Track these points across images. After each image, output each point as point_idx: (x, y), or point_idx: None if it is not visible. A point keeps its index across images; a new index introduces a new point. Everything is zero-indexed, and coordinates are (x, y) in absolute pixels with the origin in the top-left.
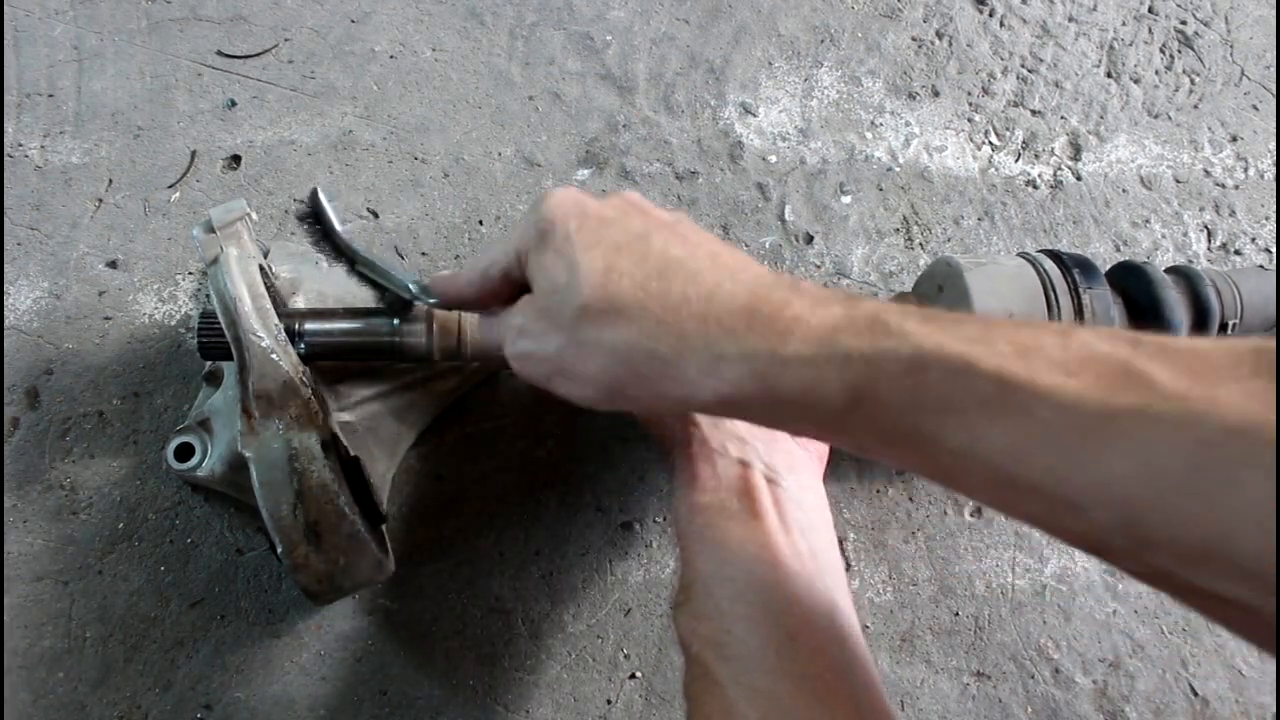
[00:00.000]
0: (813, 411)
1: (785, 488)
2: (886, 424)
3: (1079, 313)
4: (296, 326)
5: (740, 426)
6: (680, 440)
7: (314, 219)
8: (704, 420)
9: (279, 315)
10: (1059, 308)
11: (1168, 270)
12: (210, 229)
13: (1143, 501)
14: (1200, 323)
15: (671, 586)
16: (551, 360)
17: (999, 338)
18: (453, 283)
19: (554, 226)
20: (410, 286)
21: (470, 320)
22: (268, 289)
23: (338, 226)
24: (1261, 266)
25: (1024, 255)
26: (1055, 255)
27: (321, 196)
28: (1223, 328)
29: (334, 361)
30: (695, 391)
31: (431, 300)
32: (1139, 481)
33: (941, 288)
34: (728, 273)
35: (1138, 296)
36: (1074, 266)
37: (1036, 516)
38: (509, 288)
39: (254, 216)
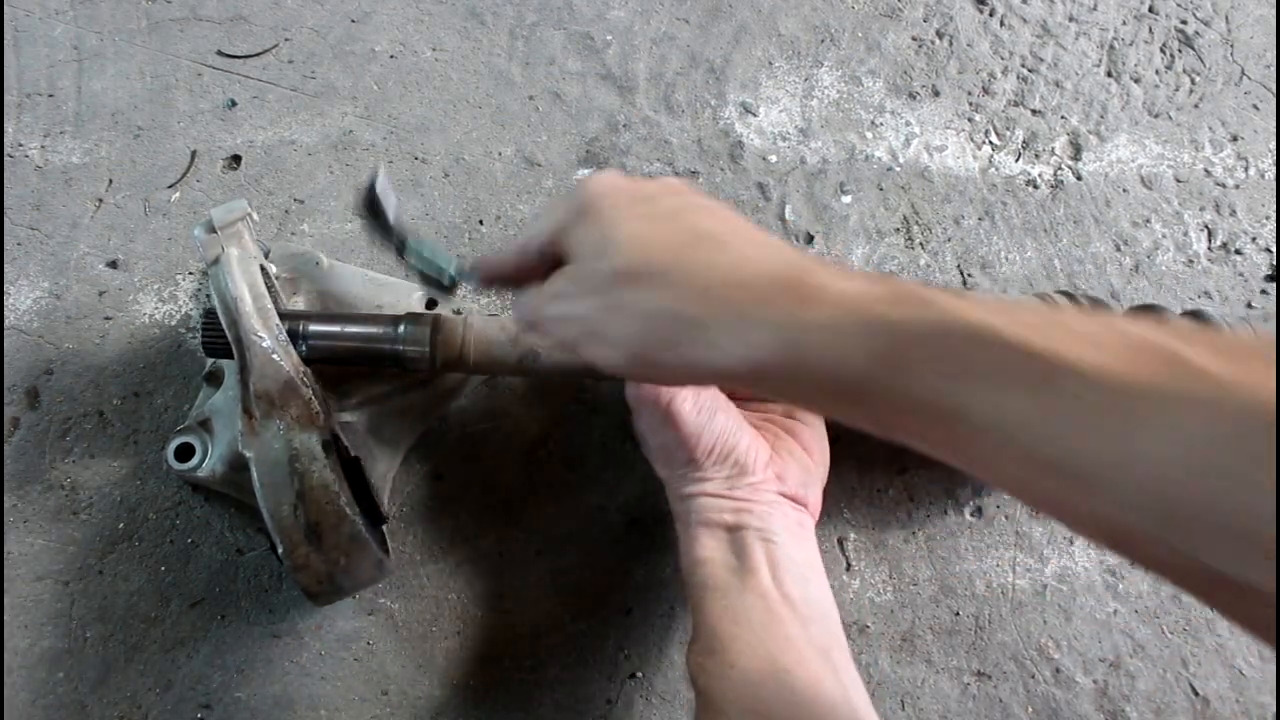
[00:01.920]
0: (837, 380)
1: (779, 544)
2: (910, 394)
3: None
4: (300, 328)
5: (740, 499)
6: (684, 513)
7: (371, 199)
8: (705, 494)
9: (282, 315)
10: None
11: (1185, 314)
12: (211, 229)
13: (1173, 480)
14: None
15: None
16: (583, 321)
17: (1026, 310)
18: (492, 260)
19: (594, 201)
20: (450, 270)
21: (475, 330)
22: (268, 289)
23: (392, 212)
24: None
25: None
26: (1068, 294)
27: (383, 175)
28: None
29: (332, 363)
30: (723, 358)
31: (470, 280)
32: (1170, 460)
33: None
34: (757, 246)
35: None
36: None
37: (1058, 498)
38: (546, 265)
39: (255, 217)
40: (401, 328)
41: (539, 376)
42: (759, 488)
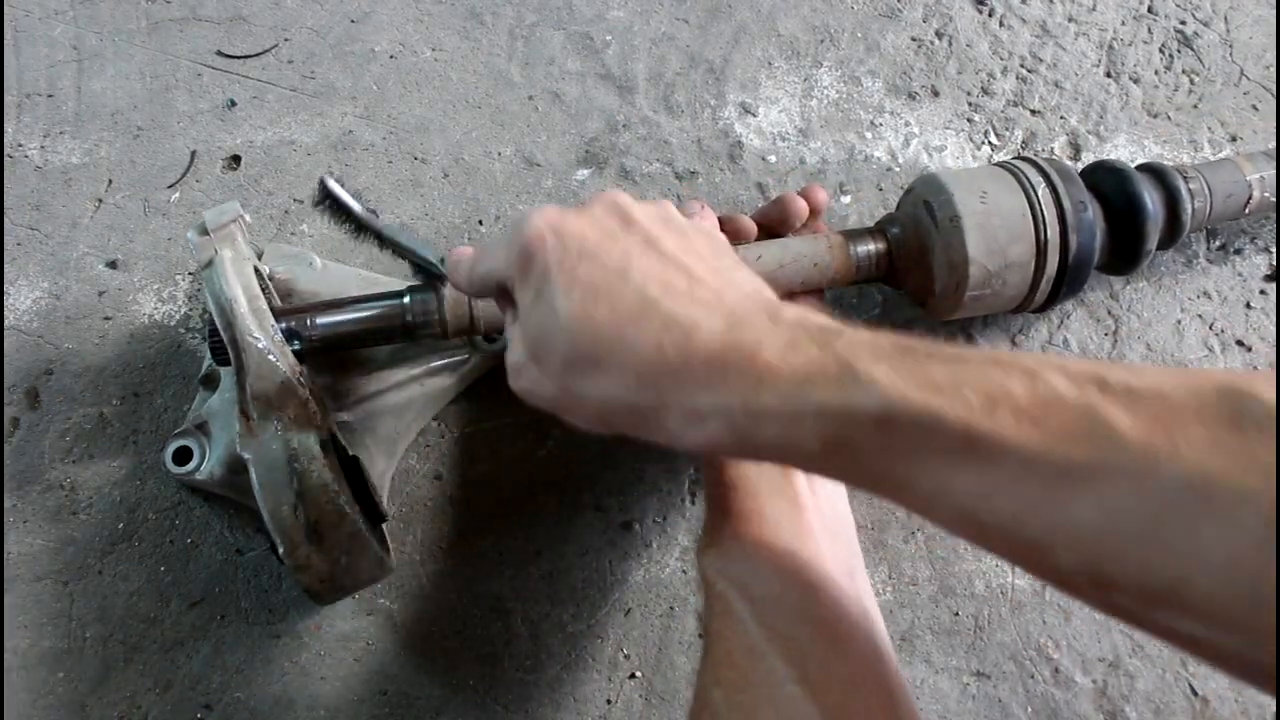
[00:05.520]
0: (787, 458)
1: None
2: (859, 470)
3: (1061, 214)
4: (307, 321)
5: None
6: None
7: (331, 204)
8: None
9: (289, 312)
10: (1043, 213)
11: (1139, 167)
12: (204, 231)
13: (1105, 548)
14: (1172, 214)
15: (695, 537)
16: (547, 402)
17: (966, 383)
18: (456, 272)
19: (533, 258)
20: (435, 263)
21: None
22: (263, 290)
23: (356, 207)
24: (1226, 157)
25: (999, 164)
26: (1028, 159)
27: (331, 183)
28: (1195, 217)
29: (345, 350)
30: (677, 440)
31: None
32: (1101, 530)
33: (928, 201)
34: (705, 308)
35: (1112, 194)
36: (1049, 168)
37: (1006, 555)
38: (501, 291)
39: (248, 219)
40: (407, 298)
41: None
42: None
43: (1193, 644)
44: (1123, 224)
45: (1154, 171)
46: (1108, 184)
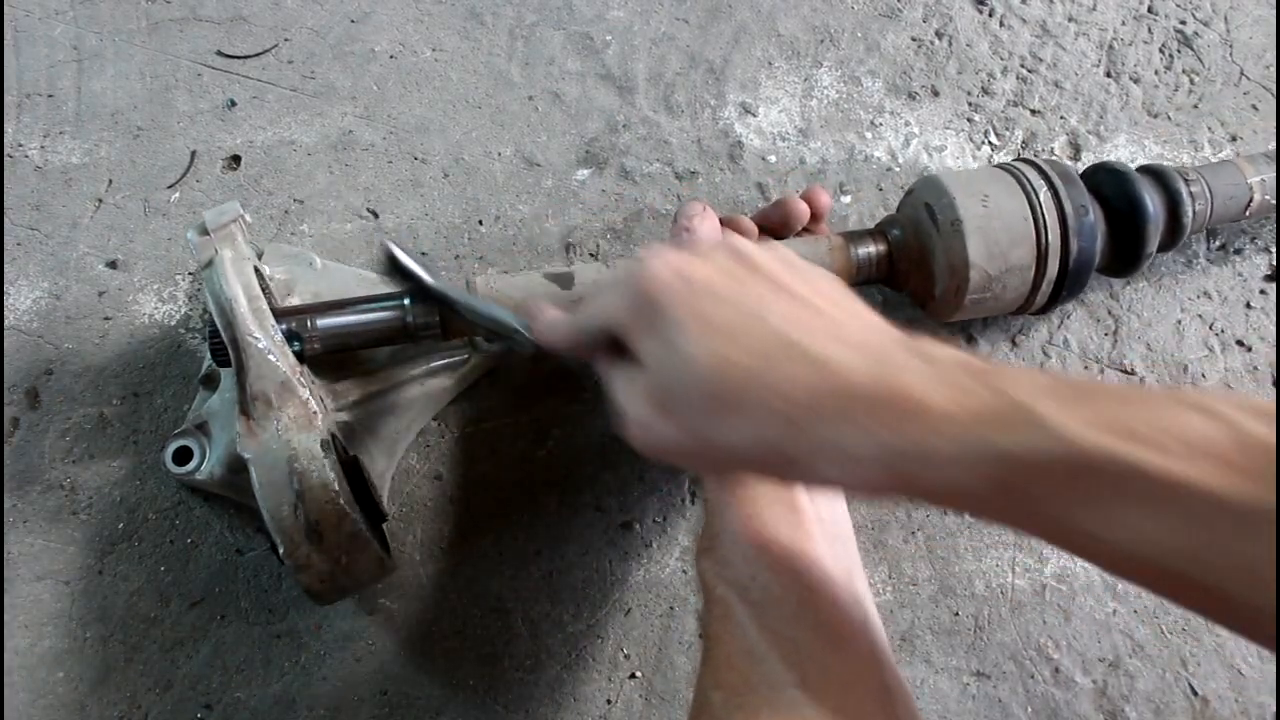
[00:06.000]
0: (949, 501)
1: None
2: (1029, 514)
3: (1062, 218)
4: (309, 322)
5: None
6: None
7: (398, 273)
8: None
9: (291, 313)
10: (1044, 217)
11: (1140, 169)
12: (204, 231)
13: None
14: (1173, 217)
15: (695, 537)
16: (673, 451)
17: (1137, 415)
18: (552, 331)
19: (657, 306)
20: (521, 330)
21: (479, 294)
22: (263, 290)
23: (427, 277)
24: (1227, 160)
25: (1000, 166)
26: (1030, 162)
27: (397, 252)
28: (1196, 219)
29: (345, 351)
30: (826, 482)
31: (533, 342)
32: None
33: (929, 204)
34: (849, 347)
35: (1113, 197)
36: (1051, 171)
37: (1171, 596)
38: (608, 343)
39: (248, 219)
40: (408, 300)
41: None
42: None
43: None
44: (1124, 226)
45: (1155, 174)
46: (1109, 186)
